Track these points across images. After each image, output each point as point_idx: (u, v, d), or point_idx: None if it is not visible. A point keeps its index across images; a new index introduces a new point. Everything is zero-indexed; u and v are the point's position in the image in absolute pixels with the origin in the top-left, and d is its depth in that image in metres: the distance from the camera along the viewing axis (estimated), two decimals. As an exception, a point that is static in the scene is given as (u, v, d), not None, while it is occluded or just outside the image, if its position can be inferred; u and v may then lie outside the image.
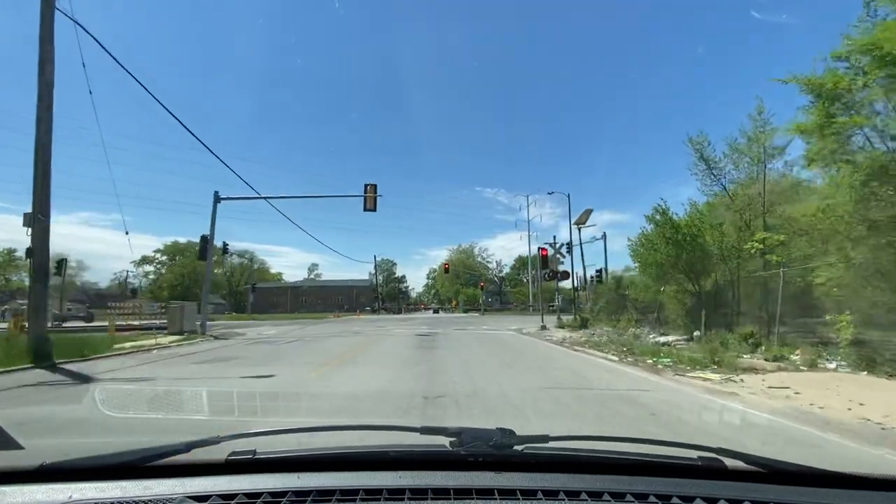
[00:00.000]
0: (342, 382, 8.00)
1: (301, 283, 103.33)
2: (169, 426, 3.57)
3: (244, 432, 1.42)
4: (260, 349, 14.05)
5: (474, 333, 20.25)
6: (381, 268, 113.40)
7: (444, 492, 1.06)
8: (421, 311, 67.72)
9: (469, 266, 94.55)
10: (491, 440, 1.23)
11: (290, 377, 8.43)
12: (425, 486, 1.08)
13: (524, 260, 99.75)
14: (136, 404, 4.73)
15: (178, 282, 78.12)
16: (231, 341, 17.22)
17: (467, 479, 1.13)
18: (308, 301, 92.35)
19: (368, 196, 20.12)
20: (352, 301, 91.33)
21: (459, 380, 7.72)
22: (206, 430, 1.77)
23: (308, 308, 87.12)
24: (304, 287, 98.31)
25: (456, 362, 10.15)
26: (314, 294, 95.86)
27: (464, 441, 1.24)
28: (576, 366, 10.32)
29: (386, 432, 1.59)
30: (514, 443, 1.24)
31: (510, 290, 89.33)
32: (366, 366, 10.28)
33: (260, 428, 1.52)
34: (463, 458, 1.21)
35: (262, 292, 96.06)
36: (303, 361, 10.80)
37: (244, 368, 9.65)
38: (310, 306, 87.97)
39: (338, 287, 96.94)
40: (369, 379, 8.30)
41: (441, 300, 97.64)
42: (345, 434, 1.72)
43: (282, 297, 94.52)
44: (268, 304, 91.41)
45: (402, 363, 10.29)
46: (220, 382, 7.95)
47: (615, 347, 12.98)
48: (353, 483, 1.10)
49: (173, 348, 14.74)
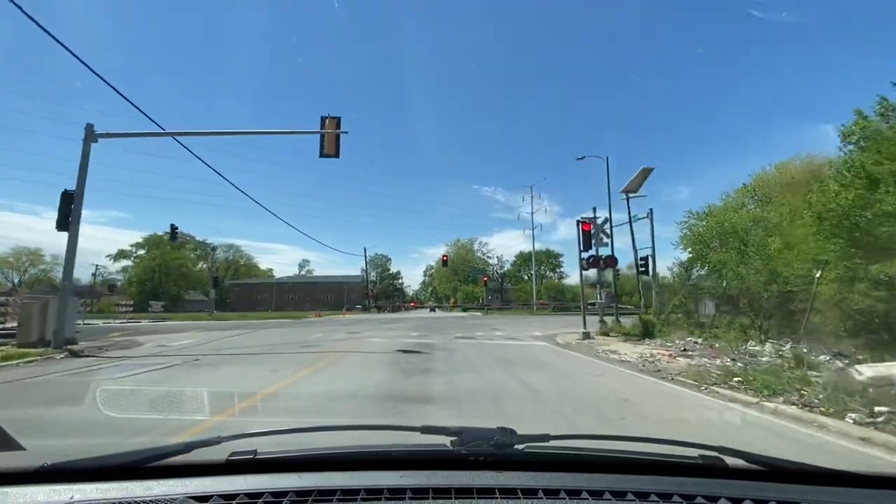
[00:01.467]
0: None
1: (286, 279, 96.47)
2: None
3: (244, 432, 1.38)
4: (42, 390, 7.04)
5: (488, 345, 13.29)
6: (374, 263, 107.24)
7: (445, 491, 1.05)
8: (414, 311, 59.79)
9: (469, 261, 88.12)
10: (492, 439, 1.22)
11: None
12: (426, 486, 1.07)
13: (525, 256, 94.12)
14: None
15: (148, 276, 70.43)
16: (71, 365, 10.13)
17: (468, 479, 1.12)
18: (295, 298, 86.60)
19: (327, 134, 12.98)
20: (342, 298, 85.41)
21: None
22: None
23: (295, 305, 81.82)
24: (290, 283, 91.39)
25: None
26: (301, 291, 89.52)
27: (465, 440, 1.23)
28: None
29: (387, 432, 1.63)
30: (515, 442, 1.23)
31: (512, 287, 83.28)
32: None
33: (260, 428, 1.48)
34: (464, 457, 1.20)
35: (245, 289, 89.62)
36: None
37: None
38: (297, 304, 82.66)
39: (327, 283, 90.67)
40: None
41: (438, 298, 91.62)
42: (345, 434, 1.75)
43: (266, 294, 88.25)
44: (252, 302, 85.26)
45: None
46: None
47: (811, 390, 5.99)
48: (355, 483, 1.09)
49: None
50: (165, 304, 66.56)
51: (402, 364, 9.16)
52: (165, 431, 4.07)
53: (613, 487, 1.06)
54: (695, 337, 13.56)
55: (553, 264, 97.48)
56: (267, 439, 1.38)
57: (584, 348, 12.94)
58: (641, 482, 1.10)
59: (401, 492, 1.04)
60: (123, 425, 4.02)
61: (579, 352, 12.29)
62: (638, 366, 9.50)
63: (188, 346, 13.26)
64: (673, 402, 6.35)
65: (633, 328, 16.01)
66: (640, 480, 1.12)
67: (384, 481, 1.09)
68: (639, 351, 11.85)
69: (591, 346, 13.51)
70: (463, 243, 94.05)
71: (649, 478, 1.14)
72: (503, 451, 1.20)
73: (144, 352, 12.12)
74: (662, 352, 11.49)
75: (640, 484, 1.09)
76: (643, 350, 12.00)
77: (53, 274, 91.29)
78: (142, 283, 68.74)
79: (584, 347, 13.13)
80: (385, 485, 1.07)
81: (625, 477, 1.14)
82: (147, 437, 3.78)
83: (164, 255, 69.39)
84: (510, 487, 1.06)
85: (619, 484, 1.09)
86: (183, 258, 74.05)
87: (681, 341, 13.28)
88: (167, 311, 61.88)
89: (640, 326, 15.19)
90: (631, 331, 15.82)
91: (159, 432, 4.02)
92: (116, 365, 9.89)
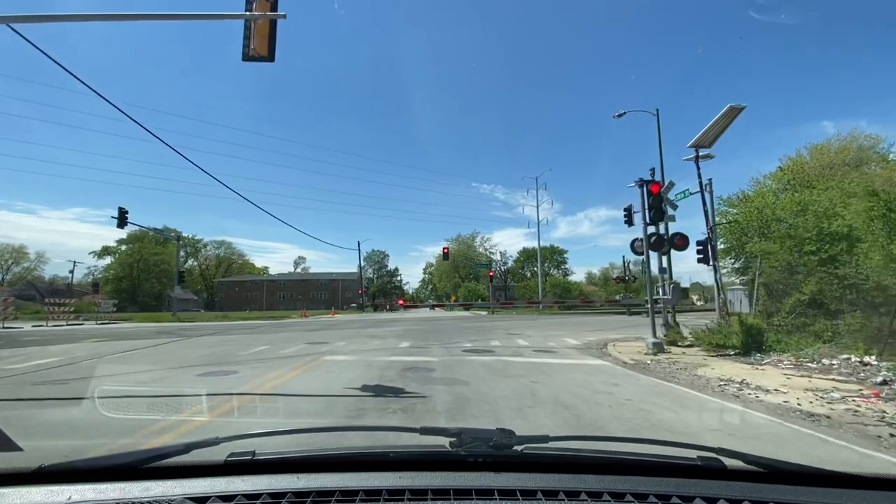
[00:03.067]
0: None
1: (278, 276, 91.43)
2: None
3: (243, 433, 1.33)
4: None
5: (520, 368, 8.08)
6: (371, 259, 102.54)
7: (443, 492, 1.03)
8: (413, 310, 54.36)
9: (471, 257, 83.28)
10: (491, 440, 1.21)
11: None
12: (425, 487, 1.06)
13: (528, 253, 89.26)
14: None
15: (125, 273, 64.95)
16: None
17: (467, 480, 1.11)
18: (287, 296, 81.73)
19: (256, 22, 7.85)
20: (337, 296, 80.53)
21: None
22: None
23: (287, 304, 77.15)
24: (282, 281, 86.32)
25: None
26: (294, 288, 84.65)
27: (463, 441, 1.21)
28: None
29: (385, 433, 1.64)
30: (514, 443, 1.21)
31: (516, 285, 78.47)
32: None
33: (259, 429, 1.45)
34: (462, 458, 1.18)
35: (233, 287, 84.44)
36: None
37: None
38: (289, 302, 77.94)
39: (321, 281, 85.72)
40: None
41: (439, 296, 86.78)
42: (345, 435, 1.78)
43: (256, 293, 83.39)
44: (241, 301, 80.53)
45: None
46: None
47: None
48: (353, 484, 1.07)
49: None
50: (145, 301, 61.73)
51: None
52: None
53: (612, 489, 1.05)
54: (850, 352, 8.38)
55: (558, 261, 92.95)
56: (265, 440, 1.36)
57: (678, 374, 7.79)
58: (640, 483, 1.09)
59: (399, 493, 1.02)
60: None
61: (679, 382, 7.13)
62: (871, 435, 4.40)
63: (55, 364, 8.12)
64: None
65: (717, 336, 10.84)
66: (639, 482, 1.10)
67: (383, 482, 1.08)
68: (791, 384, 6.71)
69: (680, 367, 8.38)
70: (464, 239, 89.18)
71: (648, 479, 1.12)
72: (502, 453, 1.18)
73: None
74: (837, 385, 6.36)
75: (639, 485, 1.07)
76: (796, 381, 6.86)
77: (38, 272, 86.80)
78: (118, 281, 63.35)
79: (675, 372, 8.00)
80: (384, 486, 1.06)
81: (623, 478, 1.12)
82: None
83: (142, 249, 63.95)
84: (509, 489, 1.05)
85: (617, 485, 1.07)
86: (164, 253, 68.45)
87: (832, 360, 8.16)
88: (149, 309, 57.42)
89: (741, 334, 10.04)
90: (716, 340, 10.66)
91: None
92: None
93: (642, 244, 14.03)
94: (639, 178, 11.22)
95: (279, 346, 11.97)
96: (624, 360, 9.77)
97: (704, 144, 13.73)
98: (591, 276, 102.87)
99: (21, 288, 79.37)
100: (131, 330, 19.97)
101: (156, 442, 3.72)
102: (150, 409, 5.05)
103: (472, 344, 12.53)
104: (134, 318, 32.22)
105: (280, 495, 1.00)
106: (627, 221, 20.90)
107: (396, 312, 46.74)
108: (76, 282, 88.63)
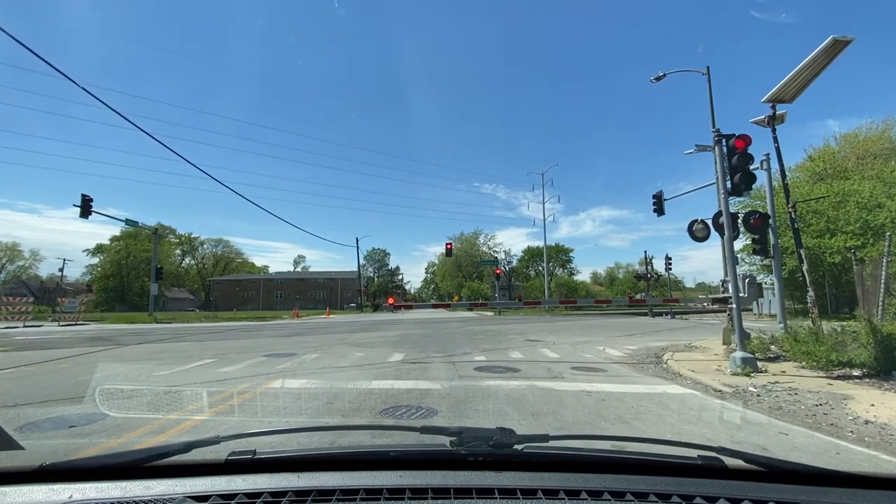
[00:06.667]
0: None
1: (275, 275, 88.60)
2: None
3: (244, 432, 1.33)
4: None
5: (577, 408, 5.16)
6: (371, 258, 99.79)
7: (444, 491, 1.02)
8: (412, 310, 51.10)
9: (474, 256, 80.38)
10: (491, 439, 1.20)
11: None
12: (425, 486, 1.05)
13: (533, 251, 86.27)
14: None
15: (113, 272, 62.09)
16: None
17: (467, 479, 1.09)
18: (285, 295, 78.96)
19: None
20: (336, 295, 77.70)
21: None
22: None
23: (284, 303, 74.42)
24: (280, 280, 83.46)
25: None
26: (292, 287, 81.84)
27: (464, 440, 1.20)
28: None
29: (386, 432, 1.64)
30: (514, 442, 1.20)
31: (520, 284, 75.58)
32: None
33: (260, 428, 1.46)
34: (463, 457, 1.17)
35: (229, 286, 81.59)
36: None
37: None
38: (287, 301, 75.13)
39: (319, 280, 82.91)
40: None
41: (441, 296, 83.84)
42: (345, 434, 1.78)
43: (253, 292, 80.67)
44: (237, 300, 77.85)
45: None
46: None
47: None
48: (354, 483, 1.06)
49: None
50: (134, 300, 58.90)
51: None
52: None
53: (612, 488, 1.04)
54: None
55: (563, 260, 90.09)
56: (266, 439, 1.38)
57: (820, 415, 4.74)
58: (640, 482, 1.08)
59: (400, 492, 1.02)
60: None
61: (841, 434, 4.10)
62: None
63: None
64: None
65: (823, 348, 7.74)
66: (639, 481, 1.09)
67: (383, 481, 1.07)
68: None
69: (808, 399, 5.32)
70: (467, 237, 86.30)
71: (648, 478, 1.10)
72: (502, 452, 1.17)
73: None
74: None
75: (639, 484, 1.07)
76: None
77: (33, 271, 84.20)
78: (105, 280, 60.50)
79: (813, 410, 4.94)
80: (384, 485, 1.05)
81: (624, 477, 1.11)
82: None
83: (129, 247, 61.08)
84: (509, 487, 1.04)
85: (617, 484, 1.06)
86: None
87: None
88: (140, 308, 54.73)
89: (872, 346, 6.94)
90: (824, 353, 7.52)
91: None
92: None
93: (702, 227, 10.96)
94: (715, 129, 8.12)
95: (227, 359, 8.97)
96: (706, 382, 6.72)
97: (785, 98, 10.61)
98: (597, 276, 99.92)
99: (13, 287, 76.83)
100: (69, 335, 16.74)
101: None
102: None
103: (486, 356, 9.51)
104: (108, 319, 29.33)
105: (281, 494, 0.99)
106: (657, 210, 17.91)
107: (398, 313, 43.59)
108: (74, 280, 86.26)
